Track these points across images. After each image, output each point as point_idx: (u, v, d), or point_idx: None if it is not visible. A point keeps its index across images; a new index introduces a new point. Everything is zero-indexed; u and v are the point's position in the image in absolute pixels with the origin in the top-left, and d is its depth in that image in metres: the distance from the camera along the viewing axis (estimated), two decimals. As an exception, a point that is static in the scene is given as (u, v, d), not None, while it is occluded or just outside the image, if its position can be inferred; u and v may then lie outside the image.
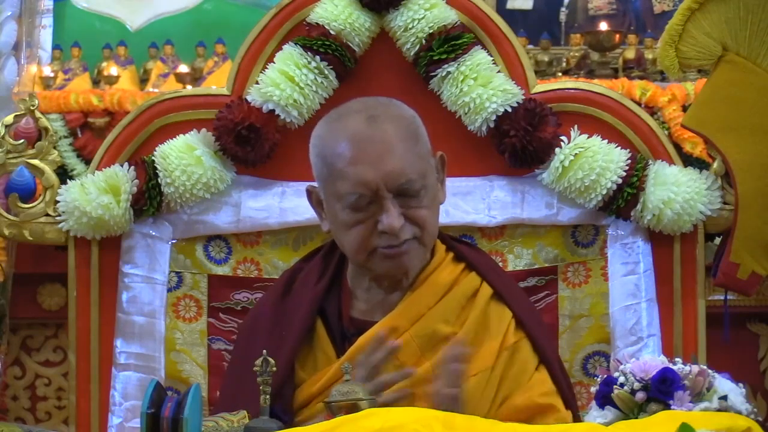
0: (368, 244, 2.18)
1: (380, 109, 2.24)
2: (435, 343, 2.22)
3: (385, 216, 2.14)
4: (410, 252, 2.20)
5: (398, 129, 2.20)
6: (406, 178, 2.16)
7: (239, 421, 2.03)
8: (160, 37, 4.91)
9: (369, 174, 2.14)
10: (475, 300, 2.28)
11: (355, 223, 2.18)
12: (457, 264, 2.32)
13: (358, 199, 2.15)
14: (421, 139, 2.24)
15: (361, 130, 2.17)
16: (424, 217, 2.19)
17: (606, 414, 1.90)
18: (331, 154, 2.19)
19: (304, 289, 2.31)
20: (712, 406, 1.85)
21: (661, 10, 4.89)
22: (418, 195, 2.18)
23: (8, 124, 2.81)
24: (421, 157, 2.20)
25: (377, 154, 2.15)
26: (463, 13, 2.72)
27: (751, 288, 2.67)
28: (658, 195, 2.64)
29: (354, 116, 2.21)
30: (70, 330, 2.75)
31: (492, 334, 2.25)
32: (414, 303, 2.24)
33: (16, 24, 4.52)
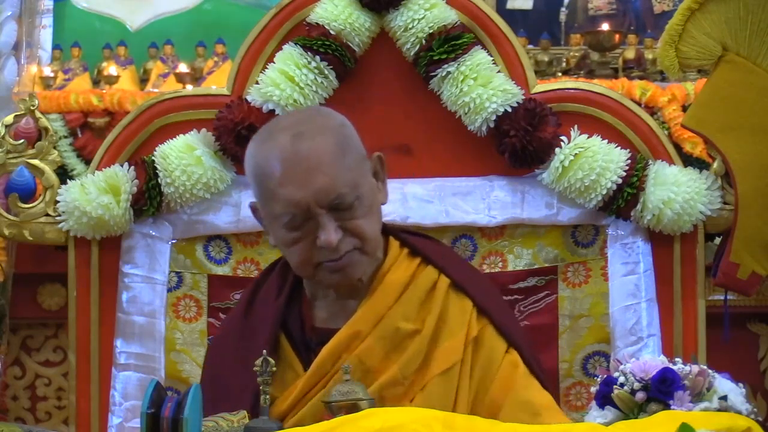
0: (311, 260, 2.17)
1: (306, 125, 2.21)
2: (399, 343, 2.21)
3: (322, 232, 2.13)
4: (353, 263, 2.18)
5: (325, 143, 2.17)
6: (337, 193, 2.13)
7: (239, 421, 2.03)
8: (160, 37, 4.92)
9: (298, 194, 2.12)
10: (435, 293, 2.26)
11: (294, 241, 2.17)
12: (413, 259, 2.30)
13: (292, 218, 2.14)
14: (349, 148, 2.20)
15: (288, 148, 2.15)
16: (362, 227, 2.17)
17: (606, 414, 1.90)
18: (261, 176, 2.18)
19: (265, 304, 2.30)
20: (712, 406, 1.85)
21: (661, 10, 4.89)
22: (352, 207, 2.15)
23: (8, 124, 2.81)
24: (350, 168, 2.17)
25: (305, 172, 2.13)
26: (463, 13, 2.72)
27: (751, 288, 2.67)
28: (658, 195, 2.63)
29: (280, 134, 2.18)
30: (70, 330, 2.75)
31: (456, 327, 2.23)
32: (373, 305, 2.23)
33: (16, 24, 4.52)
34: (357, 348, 2.20)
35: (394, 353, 2.20)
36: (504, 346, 2.26)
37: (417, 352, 2.21)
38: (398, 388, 2.18)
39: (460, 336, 2.23)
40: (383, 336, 2.21)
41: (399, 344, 2.21)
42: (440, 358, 2.20)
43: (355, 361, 2.18)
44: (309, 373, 2.20)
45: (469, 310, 2.26)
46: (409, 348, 2.21)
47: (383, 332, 2.21)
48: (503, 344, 2.26)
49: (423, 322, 2.23)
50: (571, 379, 2.71)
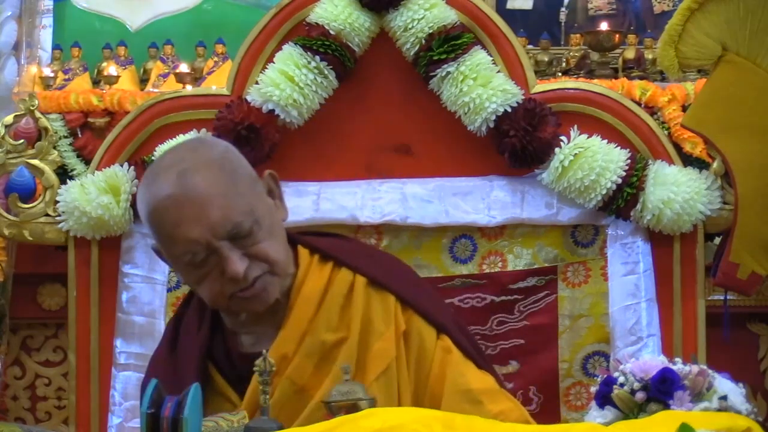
0: (222, 293, 2.11)
1: (189, 161, 2.13)
2: (327, 355, 2.15)
3: (227, 264, 2.07)
4: (264, 287, 2.12)
5: (212, 175, 2.10)
6: (233, 223, 2.07)
7: (239, 421, 2.02)
8: (160, 37, 4.92)
9: (194, 231, 2.06)
10: (353, 295, 2.19)
11: (202, 278, 2.11)
12: (325, 264, 2.22)
13: (194, 257, 2.08)
14: (237, 175, 2.13)
15: (173, 190, 2.08)
16: (266, 250, 2.11)
17: (606, 414, 1.90)
18: (155, 220, 2.12)
19: (188, 338, 2.24)
20: (712, 406, 1.85)
21: (661, 10, 4.90)
22: (252, 233, 2.09)
23: (8, 124, 2.82)
24: (243, 194, 2.11)
25: (197, 209, 2.07)
26: (462, 13, 2.72)
27: (751, 288, 2.67)
28: (657, 195, 2.64)
29: (165, 174, 2.11)
30: (70, 330, 2.75)
31: (382, 326, 2.17)
32: (294, 323, 2.16)
33: (16, 24, 4.53)
34: (286, 369, 2.13)
35: (324, 366, 2.14)
36: (434, 334, 2.20)
37: (347, 360, 2.13)
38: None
39: (389, 334, 2.17)
40: (310, 352, 2.15)
41: (327, 356, 2.15)
42: (374, 362, 2.14)
43: (286, 383, 2.13)
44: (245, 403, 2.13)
45: (393, 305, 2.19)
46: (338, 358, 2.14)
47: (309, 348, 2.15)
48: (433, 332, 2.20)
49: (348, 328, 2.17)
50: (571, 379, 2.71)
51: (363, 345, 2.16)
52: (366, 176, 2.76)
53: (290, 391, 2.13)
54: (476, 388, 2.15)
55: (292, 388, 2.13)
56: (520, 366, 2.70)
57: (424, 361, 2.18)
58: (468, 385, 2.16)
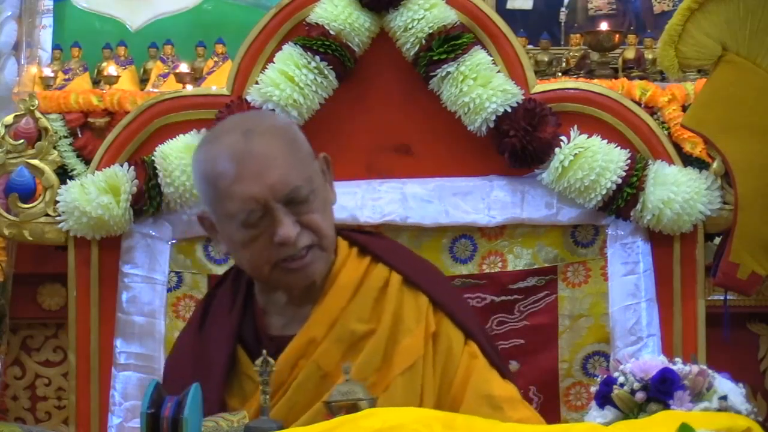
0: (268, 259, 2.13)
1: (254, 123, 2.20)
2: (355, 344, 2.18)
3: (279, 227, 2.10)
4: (313, 260, 2.15)
5: (276, 138, 2.15)
6: (293, 186, 2.11)
7: (239, 421, 2.03)
8: (160, 37, 4.92)
9: (254, 189, 2.10)
10: (387, 291, 2.23)
11: (250, 240, 2.13)
12: (363, 258, 2.26)
13: (249, 215, 2.11)
14: (300, 145, 2.19)
15: (239, 146, 2.12)
16: (318, 221, 2.14)
17: (606, 414, 1.90)
18: (213, 176, 2.14)
19: (219, 317, 2.26)
20: (712, 406, 1.85)
21: (661, 10, 4.90)
22: (308, 200, 2.13)
23: (8, 124, 2.82)
24: (303, 163, 2.16)
25: (259, 167, 2.11)
26: (462, 13, 2.72)
27: (751, 288, 2.67)
28: (657, 195, 2.64)
29: (229, 134, 2.16)
30: (70, 330, 2.75)
31: (412, 324, 2.20)
32: (326, 309, 2.20)
33: (16, 24, 4.53)
34: (313, 353, 2.16)
35: (351, 355, 2.16)
36: (462, 339, 2.23)
37: (374, 352, 2.17)
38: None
39: (418, 332, 2.19)
40: (339, 339, 2.17)
41: (355, 346, 2.18)
42: (401, 357, 2.17)
43: (312, 366, 2.15)
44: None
45: (425, 306, 2.23)
46: (365, 349, 2.17)
47: (338, 335, 2.18)
48: (461, 336, 2.23)
49: (378, 321, 2.20)
50: (571, 379, 2.71)
51: (392, 339, 2.19)
52: (366, 176, 2.76)
53: (315, 376, 2.15)
54: (499, 395, 2.18)
55: (318, 372, 2.15)
56: (520, 366, 2.70)
57: (450, 364, 2.21)
58: (491, 391, 2.18)
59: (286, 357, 2.16)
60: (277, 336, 2.21)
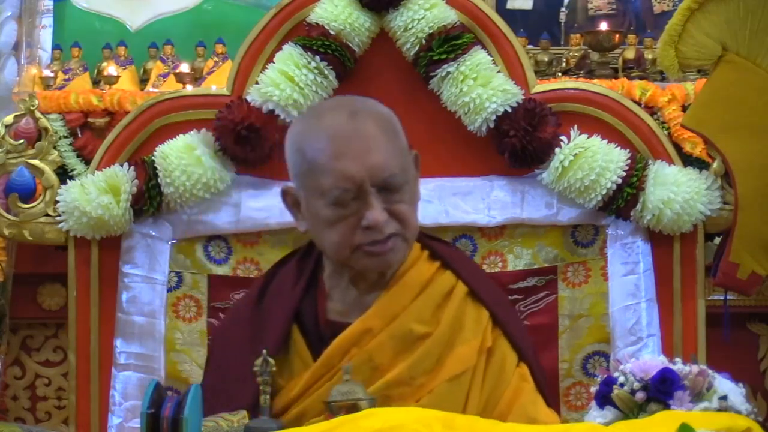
0: (351, 241, 2.16)
1: (360, 105, 2.24)
2: (410, 344, 2.20)
3: (369, 211, 2.12)
4: (394, 249, 2.18)
5: (379, 124, 2.19)
6: (390, 172, 2.14)
7: (239, 421, 2.03)
8: (160, 37, 4.92)
9: (353, 168, 2.12)
10: (451, 299, 2.26)
11: (337, 220, 2.15)
12: (433, 262, 2.30)
13: (342, 194, 2.13)
14: (400, 135, 2.23)
15: (343, 125, 2.15)
16: (406, 212, 2.18)
17: (606, 414, 1.90)
18: (312, 150, 2.16)
19: (280, 294, 2.29)
20: (711, 406, 1.85)
21: (661, 10, 4.90)
22: (401, 190, 2.16)
23: (8, 124, 2.82)
24: (401, 153, 2.20)
25: (361, 148, 2.13)
26: (463, 13, 2.72)
27: (751, 288, 2.67)
28: (657, 195, 2.64)
29: (334, 112, 2.20)
30: (70, 330, 2.75)
31: (469, 334, 2.23)
32: (389, 303, 2.22)
33: (16, 24, 4.53)
34: (367, 344, 2.19)
35: (404, 353, 2.19)
36: (516, 359, 2.27)
37: (427, 354, 2.20)
38: (404, 389, 2.17)
39: (474, 343, 2.22)
40: (395, 335, 2.20)
41: (410, 345, 2.20)
42: (452, 363, 2.19)
43: (364, 356, 2.18)
44: (317, 365, 2.19)
45: (485, 320, 2.26)
46: (419, 349, 2.20)
47: (395, 331, 2.20)
48: (515, 357, 2.27)
49: (437, 325, 2.22)
50: (571, 379, 2.71)
51: (447, 345, 2.21)
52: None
53: (366, 367, 2.17)
54: (542, 420, 2.20)
55: (369, 363, 2.18)
56: (520, 366, 2.69)
57: (501, 382, 2.23)
58: (536, 415, 2.21)
59: (340, 342, 2.19)
60: (335, 321, 2.24)
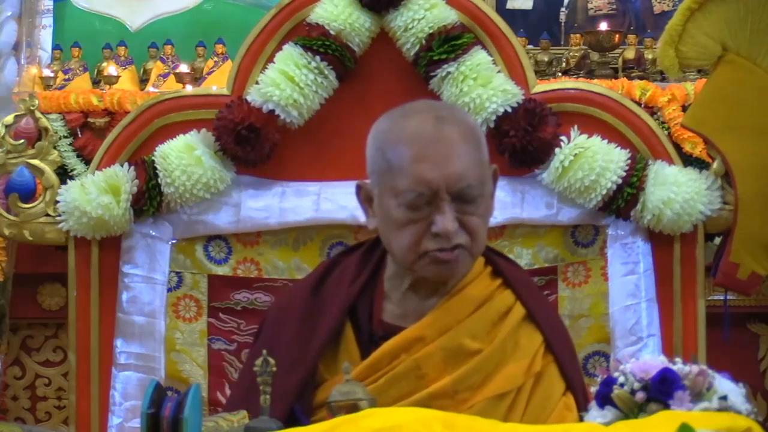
0: (419, 246, 2.13)
1: (447, 112, 2.21)
2: (460, 358, 2.17)
3: (440, 218, 2.09)
4: (459, 260, 2.14)
5: (464, 133, 2.16)
6: (468, 183, 2.11)
7: (239, 421, 2.03)
8: (160, 37, 4.93)
9: (432, 173, 2.10)
10: (507, 319, 2.23)
11: (407, 223, 2.13)
12: (494, 279, 2.27)
13: (417, 197, 2.11)
14: (482, 147, 2.19)
15: (428, 129, 2.13)
16: (478, 225, 2.14)
17: (606, 414, 1.89)
18: (393, 149, 2.14)
19: (338, 287, 2.27)
20: (712, 406, 1.85)
21: (661, 10, 4.90)
22: (475, 201, 2.13)
23: (8, 124, 2.82)
24: (482, 165, 2.17)
25: (442, 154, 2.11)
26: (463, 13, 2.72)
27: (751, 288, 2.67)
28: (658, 195, 2.64)
29: (420, 115, 2.17)
30: (70, 330, 2.75)
31: (520, 355, 2.20)
32: (445, 314, 2.20)
33: (16, 24, 4.53)
34: (417, 352, 2.17)
35: (452, 366, 2.17)
36: (563, 388, 2.23)
37: (475, 370, 2.17)
38: (446, 401, 2.13)
39: (523, 365, 2.20)
40: (446, 347, 2.17)
41: (460, 359, 2.17)
42: (498, 382, 2.17)
43: (412, 364, 2.16)
44: (363, 365, 2.17)
45: (538, 344, 2.23)
46: (468, 365, 2.17)
47: (447, 343, 2.17)
48: (562, 385, 2.23)
49: (489, 343, 2.20)
50: (571, 379, 2.70)
51: (497, 364, 2.18)
52: (366, 176, 2.75)
53: (412, 375, 2.15)
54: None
55: (415, 372, 2.16)
56: (520, 366, 2.69)
57: (545, 409, 2.21)
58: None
59: (390, 346, 2.17)
60: (389, 323, 2.22)
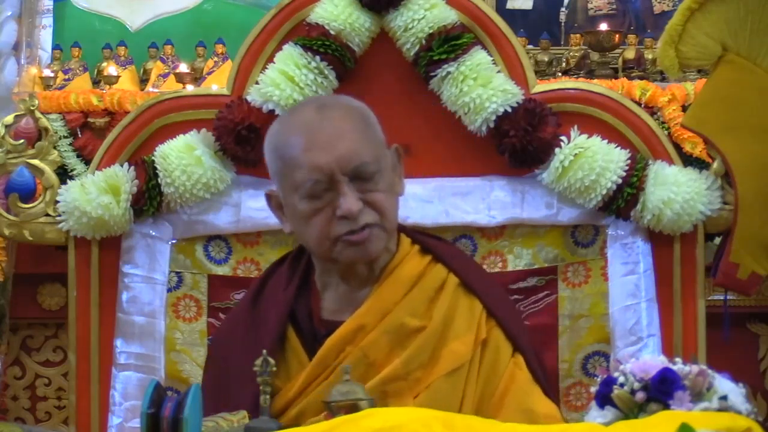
0: (330, 233, 2.16)
1: (329, 100, 2.29)
2: (404, 338, 2.20)
3: (343, 200, 2.13)
4: (372, 238, 2.17)
5: (349, 115, 2.21)
6: (360, 161, 2.15)
7: (239, 421, 2.03)
8: (160, 37, 4.93)
9: (323, 158, 2.13)
10: (443, 291, 2.26)
11: (313, 213, 2.16)
12: (423, 256, 2.30)
13: (314, 185, 2.14)
14: (372, 126, 2.24)
15: (312, 118, 2.18)
16: (382, 201, 2.17)
17: (606, 414, 1.89)
18: (284, 146, 2.19)
19: (274, 295, 2.30)
20: (712, 406, 1.85)
21: (661, 10, 4.90)
22: (374, 178, 2.16)
23: (8, 124, 2.82)
24: (373, 142, 2.20)
25: (329, 138, 2.15)
26: (463, 13, 2.72)
27: (751, 288, 2.67)
28: (658, 195, 2.63)
29: (304, 108, 2.23)
30: (70, 330, 2.75)
31: (463, 327, 2.23)
32: (381, 299, 2.22)
33: (16, 24, 4.54)
34: (362, 341, 2.20)
35: (398, 348, 2.20)
36: (510, 350, 2.26)
37: (422, 348, 2.20)
38: (400, 384, 2.17)
39: (469, 337, 2.22)
40: (388, 330, 2.20)
41: (404, 340, 2.20)
42: (448, 358, 2.20)
43: (359, 354, 2.18)
44: (312, 364, 2.20)
45: (479, 312, 2.26)
46: (413, 344, 2.20)
47: (389, 326, 2.21)
48: (510, 348, 2.26)
49: (430, 319, 2.23)
50: (571, 379, 2.71)
51: (441, 339, 2.21)
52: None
53: (362, 363, 2.17)
54: (539, 411, 2.19)
55: (363, 360, 2.18)
56: (520, 366, 2.69)
57: (495, 374, 2.23)
58: (531, 405, 2.20)
59: (333, 341, 2.19)
60: (328, 320, 2.25)
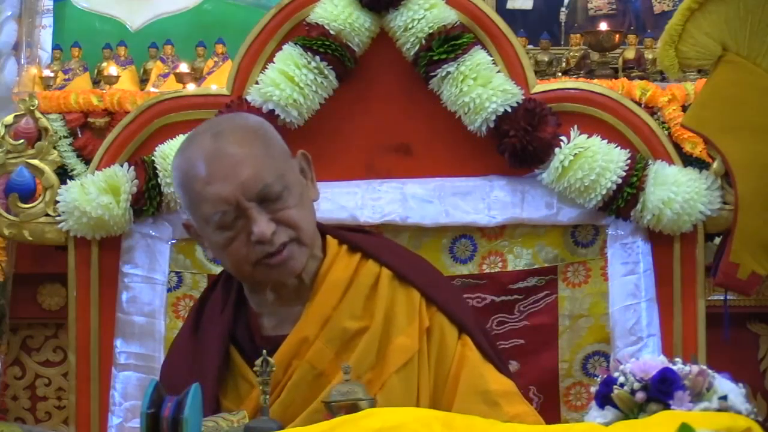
0: (248, 259, 2.13)
1: (224, 124, 2.21)
2: (348, 342, 2.17)
3: (254, 226, 2.09)
4: (293, 254, 2.13)
5: (245, 138, 2.15)
6: (263, 183, 2.10)
7: (239, 421, 2.03)
8: (160, 37, 4.92)
9: (225, 189, 2.09)
10: (378, 287, 2.22)
11: (228, 242, 2.13)
12: (353, 255, 2.26)
13: (223, 216, 2.10)
14: (271, 142, 2.19)
15: (207, 149, 2.13)
16: (294, 217, 2.13)
17: (606, 414, 1.89)
18: (187, 180, 2.14)
19: (212, 320, 2.27)
20: (712, 406, 1.85)
21: (661, 10, 4.90)
22: (281, 197, 2.12)
23: (8, 124, 2.82)
24: (275, 160, 2.15)
25: (228, 167, 2.10)
26: (463, 13, 2.72)
27: (751, 288, 2.67)
28: (657, 195, 2.63)
29: (199, 137, 2.17)
30: (70, 330, 2.75)
31: (405, 320, 2.20)
32: (318, 307, 2.19)
33: (16, 24, 4.53)
34: (307, 353, 2.16)
35: (344, 354, 2.16)
36: (456, 333, 2.22)
37: (368, 350, 2.17)
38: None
39: (412, 329, 2.19)
40: (331, 338, 2.17)
41: (348, 344, 2.17)
42: (395, 355, 2.16)
43: (306, 366, 2.15)
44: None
45: (417, 301, 2.22)
46: (359, 346, 2.17)
47: (331, 334, 2.17)
48: (455, 331, 2.22)
49: (371, 318, 2.19)
50: (571, 379, 2.71)
51: (385, 336, 2.18)
52: (366, 176, 2.76)
53: (309, 375, 2.15)
54: (494, 390, 2.17)
55: (312, 372, 2.16)
56: (520, 366, 2.69)
57: (444, 360, 2.20)
58: (486, 386, 2.17)
59: (279, 357, 2.14)
60: (270, 336, 2.21)
